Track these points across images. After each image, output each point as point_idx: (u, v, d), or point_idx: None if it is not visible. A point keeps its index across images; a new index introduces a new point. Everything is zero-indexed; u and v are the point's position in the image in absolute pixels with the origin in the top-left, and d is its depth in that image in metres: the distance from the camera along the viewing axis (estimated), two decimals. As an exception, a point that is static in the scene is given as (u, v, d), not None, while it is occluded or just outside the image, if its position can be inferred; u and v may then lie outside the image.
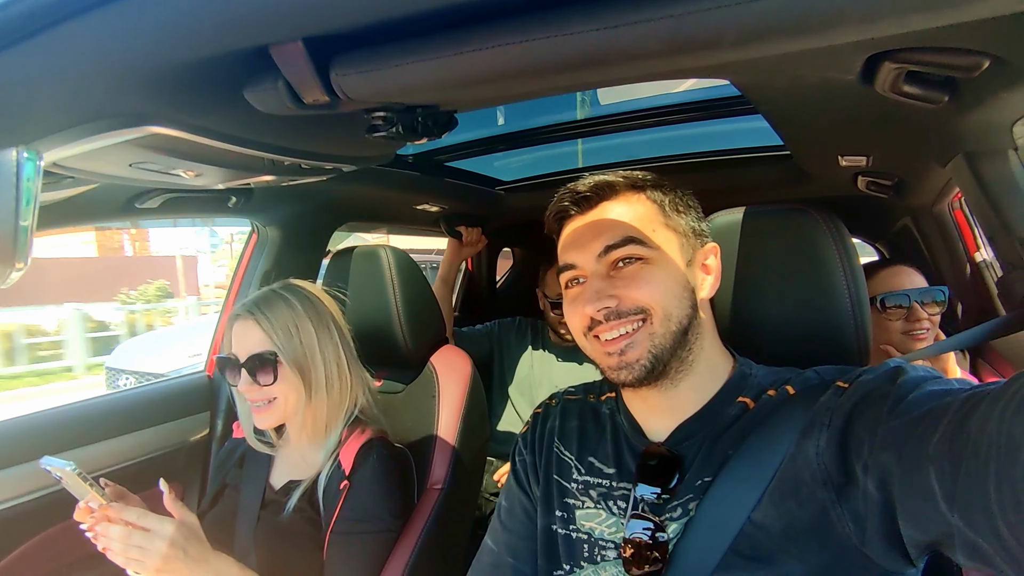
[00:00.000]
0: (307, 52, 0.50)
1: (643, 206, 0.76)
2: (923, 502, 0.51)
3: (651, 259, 0.73)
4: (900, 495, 0.54)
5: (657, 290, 0.72)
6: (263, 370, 1.11)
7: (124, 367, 4.97)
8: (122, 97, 0.57)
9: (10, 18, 0.47)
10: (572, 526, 0.79)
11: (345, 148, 0.83)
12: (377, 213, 2.01)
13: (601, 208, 0.77)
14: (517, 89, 0.53)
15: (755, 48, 0.44)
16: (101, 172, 0.77)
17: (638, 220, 0.75)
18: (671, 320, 0.72)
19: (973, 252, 1.70)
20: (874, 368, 0.67)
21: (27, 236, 0.52)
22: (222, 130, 0.65)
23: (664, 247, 0.74)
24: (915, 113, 0.81)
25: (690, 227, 0.78)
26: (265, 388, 1.11)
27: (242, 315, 1.15)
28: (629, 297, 0.72)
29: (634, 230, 0.74)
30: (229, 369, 1.13)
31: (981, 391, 0.51)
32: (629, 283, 0.72)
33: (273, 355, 1.11)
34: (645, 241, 0.73)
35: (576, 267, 0.77)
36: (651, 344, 0.71)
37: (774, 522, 0.64)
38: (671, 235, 0.75)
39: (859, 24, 0.39)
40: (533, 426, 0.93)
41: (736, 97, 1.44)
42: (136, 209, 1.27)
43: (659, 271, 0.73)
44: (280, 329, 1.12)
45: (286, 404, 1.13)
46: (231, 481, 1.23)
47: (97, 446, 1.37)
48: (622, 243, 0.73)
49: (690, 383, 0.75)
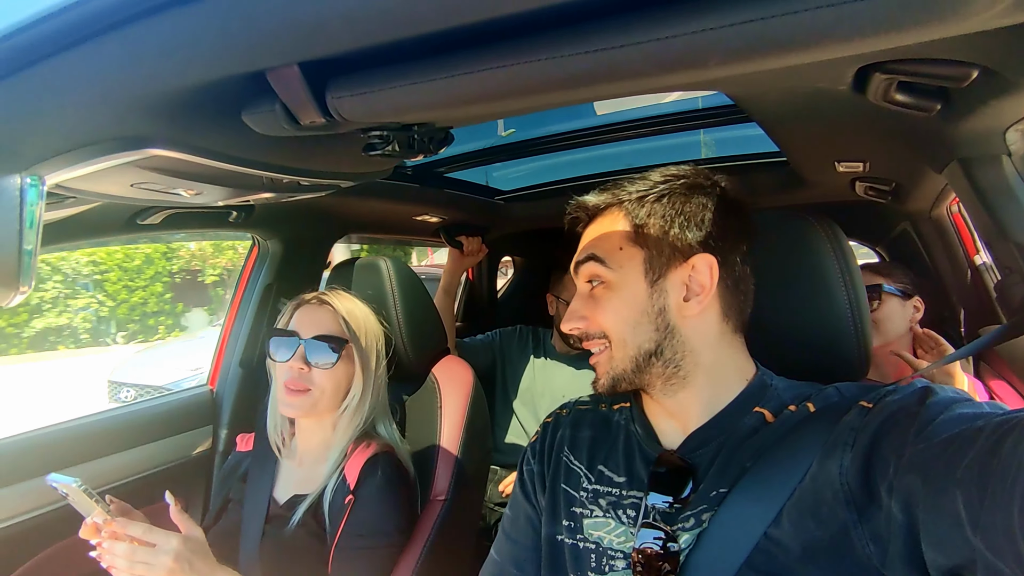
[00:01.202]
0: (303, 76, 0.51)
1: (617, 223, 0.77)
2: (949, 527, 0.50)
3: (609, 282, 0.75)
4: (925, 519, 0.53)
5: (611, 317, 0.74)
6: (326, 351, 1.15)
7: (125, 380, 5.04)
8: (123, 121, 0.57)
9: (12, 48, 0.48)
10: (579, 535, 0.78)
11: (343, 165, 0.83)
12: (377, 224, 2.02)
13: (589, 227, 0.82)
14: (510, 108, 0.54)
15: (742, 67, 0.44)
16: (102, 192, 0.78)
17: (608, 238, 0.77)
18: (627, 346, 0.74)
19: (973, 255, 1.70)
20: (901, 388, 0.66)
21: (31, 259, 0.53)
22: (221, 151, 0.66)
23: (626, 267, 0.74)
24: (909, 120, 0.82)
25: (669, 241, 0.74)
26: (312, 372, 1.15)
27: (317, 299, 1.20)
28: (595, 321, 0.76)
29: (598, 247, 0.76)
30: (284, 343, 1.16)
31: (1015, 416, 0.50)
32: (595, 306, 0.76)
33: (344, 342, 1.17)
34: (605, 260, 0.75)
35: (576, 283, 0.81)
36: (610, 367, 0.76)
37: (791, 540, 0.63)
38: (636, 252, 0.75)
39: (843, 43, 0.40)
40: (542, 435, 0.92)
41: (731, 106, 1.45)
42: (138, 225, 1.28)
43: (614, 296, 0.75)
44: (353, 322, 1.19)
45: (321, 397, 1.16)
46: (235, 496, 1.23)
47: (101, 461, 1.38)
48: (585, 260, 0.77)
49: (690, 393, 0.75)
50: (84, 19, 0.45)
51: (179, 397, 1.63)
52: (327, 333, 1.17)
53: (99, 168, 0.64)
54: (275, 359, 1.17)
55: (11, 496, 1.20)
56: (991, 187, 0.87)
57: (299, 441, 1.25)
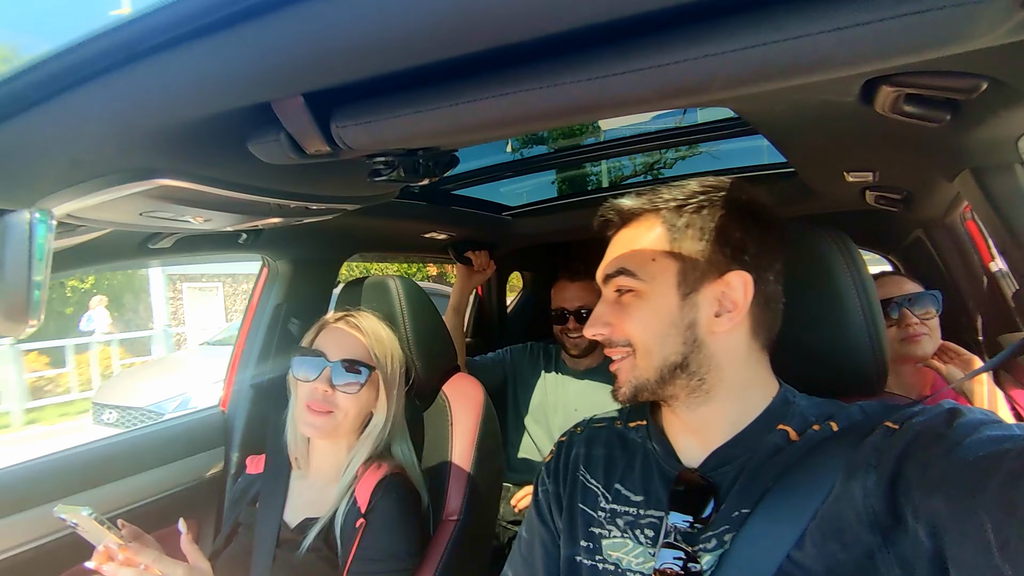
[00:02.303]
0: (307, 107, 0.51)
1: (652, 232, 0.76)
2: (975, 552, 0.49)
3: (640, 292, 0.74)
4: (950, 543, 0.51)
5: (638, 326, 0.73)
6: (353, 376, 1.15)
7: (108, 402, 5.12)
8: (131, 154, 0.58)
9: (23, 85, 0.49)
10: (599, 556, 0.77)
11: (350, 190, 0.84)
12: (386, 243, 2.03)
13: (620, 233, 0.80)
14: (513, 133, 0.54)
15: (743, 91, 0.44)
16: (113, 220, 0.79)
17: (640, 249, 0.75)
18: (653, 356, 0.73)
19: (988, 262, 1.67)
20: (928, 408, 0.64)
21: (40, 291, 0.53)
22: (229, 179, 0.67)
23: (659, 278, 0.73)
24: (918, 131, 0.81)
25: (705, 255, 0.72)
26: (336, 394, 1.14)
27: (344, 324, 1.20)
28: (620, 328, 0.75)
29: (630, 261, 0.75)
30: (309, 363, 1.16)
31: None
32: (622, 314, 0.75)
33: (371, 369, 1.17)
34: (636, 273, 0.74)
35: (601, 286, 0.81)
36: (633, 375, 0.74)
37: (815, 563, 0.62)
38: (670, 264, 0.73)
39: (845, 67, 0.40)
40: (557, 455, 0.91)
41: (738, 119, 1.45)
42: (149, 250, 1.29)
43: (644, 307, 0.74)
44: (381, 349, 1.19)
45: (344, 420, 1.16)
46: (244, 520, 1.23)
47: (113, 486, 1.38)
48: (614, 274, 0.76)
49: (713, 409, 0.74)
50: (93, 56, 0.46)
51: (191, 419, 1.63)
52: (355, 358, 1.16)
53: (108, 199, 0.65)
54: (299, 378, 1.17)
55: (22, 523, 1.20)
56: (1004, 196, 0.86)
57: (313, 460, 1.24)
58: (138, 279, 13.42)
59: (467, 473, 1.30)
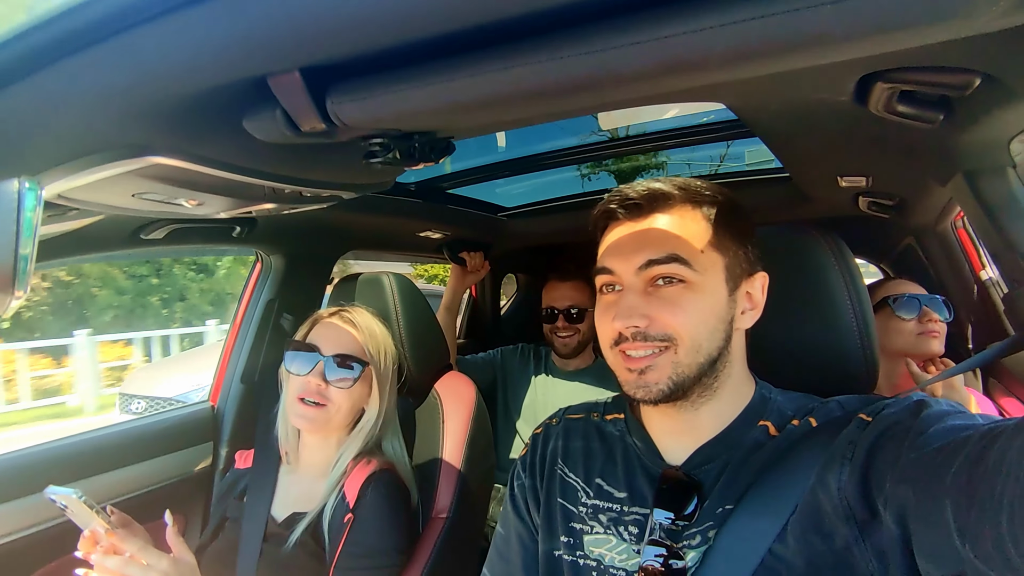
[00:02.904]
0: (304, 82, 0.51)
1: (696, 223, 0.72)
2: (938, 537, 0.50)
3: (693, 283, 0.70)
4: (916, 529, 0.52)
5: (691, 319, 0.69)
6: (346, 371, 1.15)
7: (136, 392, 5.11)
8: (124, 129, 0.58)
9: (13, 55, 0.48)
10: (580, 552, 0.76)
11: (344, 176, 0.84)
12: (380, 240, 2.02)
13: (651, 218, 0.74)
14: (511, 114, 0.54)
15: (743, 67, 0.44)
16: (104, 203, 0.78)
17: (688, 237, 0.71)
18: (699, 352, 0.69)
19: (979, 271, 1.69)
20: (898, 400, 0.65)
21: (27, 265, 0.52)
22: (223, 159, 0.66)
23: (710, 271, 0.71)
24: (912, 132, 0.82)
25: (742, 252, 0.74)
26: (331, 389, 1.14)
27: (339, 321, 1.20)
28: (661, 321, 0.69)
29: (682, 248, 0.70)
30: (303, 358, 1.15)
31: (1002, 424, 0.50)
32: (664, 306, 0.69)
33: (365, 364, 1.16)
34: (690, 262, 0.70)
35: (614, 274, 0.74)
36: (673, 372, 0.69)
37: (796, 556, 0.63)
38: (718, 258, 0.72)
39: (844, 43, 0.40)
40: (533, 448, 0.89)
41: (733, 121, 1.46)
42: (142, 240, 1.28)
43: (699, 299, 0.69)
44: (374, 345, 1.19)
45: (336, 414, 1.15)
46: (232, 514, 1.22)
47: (101, 477, 1.36)
48: (666, 260, 0.70)
49: (711, 408, 0.74)
50: (85, 25, 0.45)
51: (180, 413, 1.61)
52: (348, 353, 1.16)
53: (100, 177, 0.64)
54: (292, 372, 1.16)
55: (11, 512, 1.19)
56: (997, 200, 0.87)
57: (303, 455, 1.24)
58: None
59: (457, 471, 1.30)
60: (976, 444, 0.49)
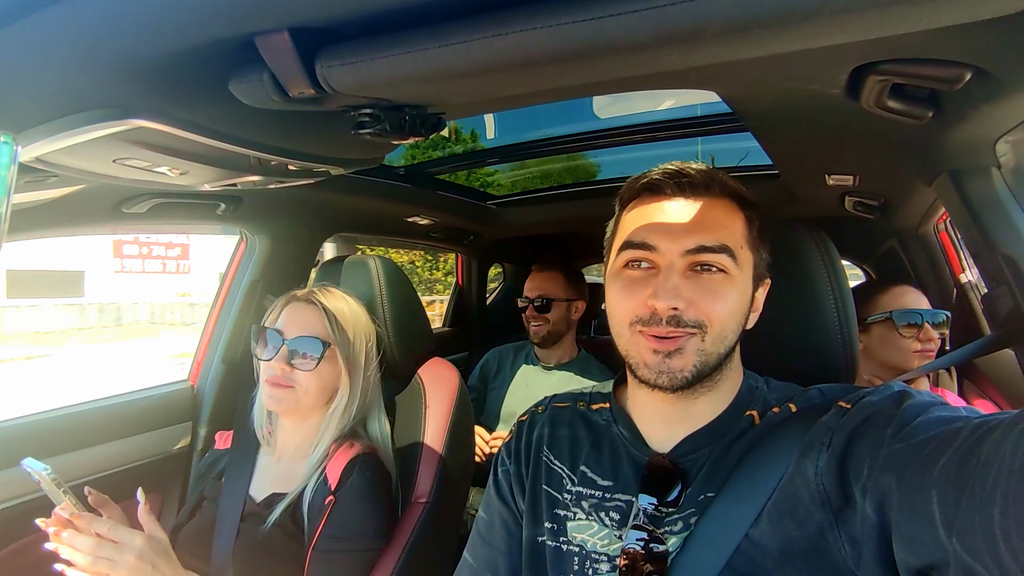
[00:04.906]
0: (293, 43, 0.50)
1: (739, 219, 0.73)
2: (921, 526, 0.50)
3: (733, 276, 0.70)
4: (898, 518, 0.53)
5: (726, 310, 0.69)
6: (307, 354, 1.14)
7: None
8: (106, 88, 0.56)
9: None
10: (563, 538, 0.77)
11: (332, 149, 0.82)
12: (367, 224, 2.00)
13: (705, 203, 0.72)
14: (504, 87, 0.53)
15: (739, 43, 0.44)
16: (84, 169, 0.76)
17: (734, 231, 0.72)
18: (723, 342, 0.70)
19: (959, 274, 1.72)
20: (879, 389, 0.66)
21: (2, 223, 0.51)
22: (207, 124, 0.65)
23: (745, 267, 0.72)
24: (901, 130, 0.83)
25: (763, 257, 0.76)
26: (296, 372, 1.13)
27: (304, 301, 1.19)
28: (699, 307, 0.68)
29: (731, 239, 0.70)
30: (268, 341, 1.15)
31: (994, 418, 0.50)
32: (705, 294, 0.69)
33: (327, 345, 1.15)
34: (736, 255, 0.70)
35: (655, 251, 0.71)
36: (698, 359, 0.69)
37: (770, 541, 0.63)
38: (750, 256, 0.73)
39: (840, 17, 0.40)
40: (518, 435, 0.89)
41: (726, 114, 1.46)
42: (124, 215, 1.26)
43: (735, 292, 0.70)
44: (338, 325, 1.17)
45: (305, 396, 1.15)
46: (209, 493, 1.21)
47: (78, 453, 1.34)
48: (719, 250, 0.69)
49: (708, 399, 0.74)
50: None
51: (158, 392, 1.59)
52: (311, 335, 1.15)
53: (82, 139, 0.63)
54: (259, 356, 1.16)
55: None
56: (980, 200, 0.88)
57: (280, 438, 1.23)
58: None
59: (438, 456, 1.29)
60: (968, 437, 0.49)
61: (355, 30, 0.50)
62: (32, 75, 0.54)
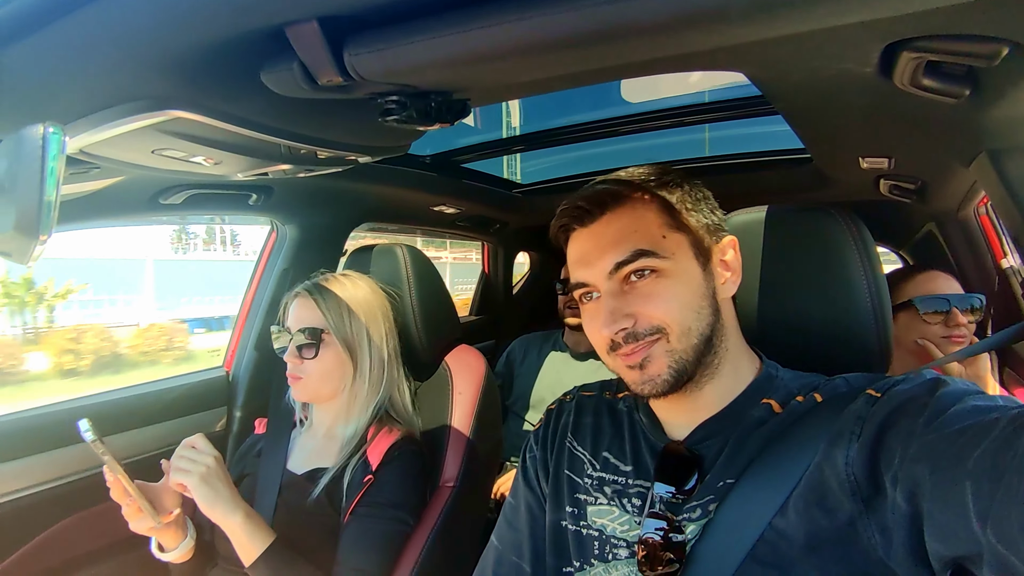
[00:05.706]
0: (322, 32, 0.51)
1: (650, 210, 0.73)
2: (953, 517, 0.49)
3: (665, 271, 0.70)
4: (930, 508, 0.52)
5: (673, 306, 0.69)
6: (308, 344, 1.19)
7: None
8: (145, 81, 0.58)
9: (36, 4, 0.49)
10: (583, 522, 0.78)
11: (360, 137, 0.84)
12: (394, 213, 2.03)
13: (605, 220, 0.73)
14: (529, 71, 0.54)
15: (762, 20, 0.43)
16: (124, 160, 0.79)
17: (646, 228, 0.71)
18: (691, 334, 0.70)
19: (1000, 259, 1.66)
20: (910, 378, 0.64)
21: (51, 211, 0.53)
22: (240, 114, 0.67)
23: (677, 253, 0.71)
24: (936, 109, 0.80)
25: (703, 223, 0.75)
26: (305, 363, 1.19)
27: (301, 294, 1.24)
28: (645, 315, 0.70)
29: (643, 241, 0.70)
30: (281, 338, 1.23)
31: None
32: (645, 300, 0.70)
33: (321, 331, 1.20)
34: (656, 251, 0.70)
35: (588, 284, 0.74)
36: (670, 359, 0.70)
37: (796, 530, 0.63)
38: (682, 237, 0.72)
39: None
40: (546, 423, 0.92)
41: (756, 97, 1.43)
42: (161, 205, 1.30)
43: (674, 284, 0.70)
44: (332, 309, 1.21)
45: (318, 383, 1.20)
46: (249, 470, 1.27)
47: (115, 438, 1.40)
48: (632, 258, 0.70)
49: (714, 385, 0.74)
50: None
51: (194, 379, 1.65)
52: (307, 325, 1.20)
53: (122, 131, 0.65)
54: (277, 353, 1.24)
55: (29, 466, 1.23)
56: (1021, 180, 0.85)
57: (315, 417, 1.30)
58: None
59: (466, 440, 1.31)
60: (1004, 428, 0.48)
61: (381, 17, 0.51)
62: (76, 69, 0.56)
